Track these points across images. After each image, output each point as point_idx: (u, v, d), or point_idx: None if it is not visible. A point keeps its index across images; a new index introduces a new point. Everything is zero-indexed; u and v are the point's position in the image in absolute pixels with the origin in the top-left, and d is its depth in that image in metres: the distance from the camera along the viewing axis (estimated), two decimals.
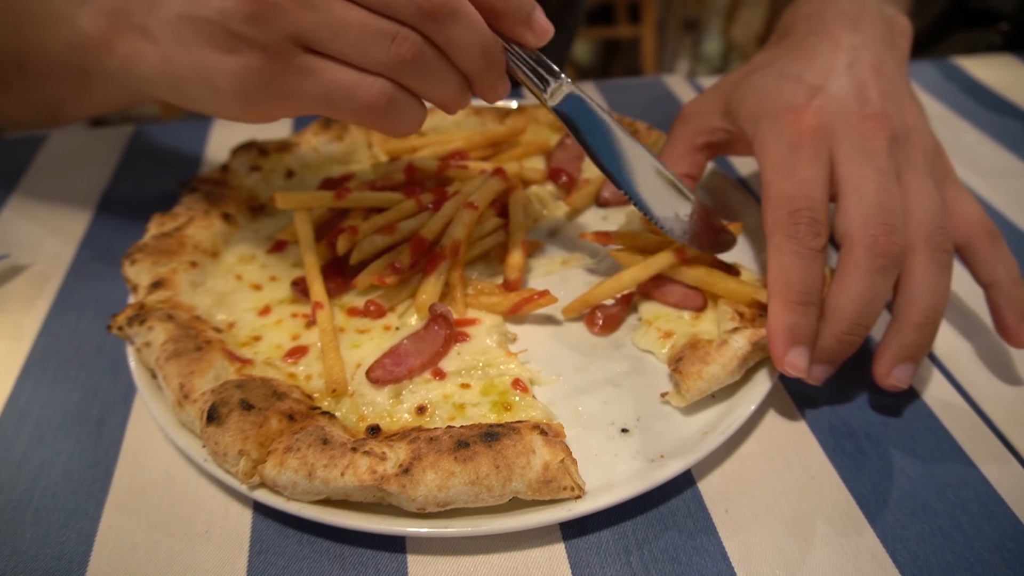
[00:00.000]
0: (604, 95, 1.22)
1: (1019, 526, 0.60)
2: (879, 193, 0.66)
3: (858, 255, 0.64)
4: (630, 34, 3.66)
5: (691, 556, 0.58)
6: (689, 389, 0.64)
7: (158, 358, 0.67)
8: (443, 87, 0.65)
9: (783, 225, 0.67)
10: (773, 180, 0.69)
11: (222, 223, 0.85)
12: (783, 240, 0.66)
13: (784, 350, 0.64)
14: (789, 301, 0.65)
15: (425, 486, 0.56)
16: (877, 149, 0.69)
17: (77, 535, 0.61)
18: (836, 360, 0.67)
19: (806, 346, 0.65)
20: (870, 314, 0.65)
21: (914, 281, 0.65)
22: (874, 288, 0.64)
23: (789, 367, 0.64)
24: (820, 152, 0.69)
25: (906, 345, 0.65)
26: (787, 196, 0.67)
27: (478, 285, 0.80)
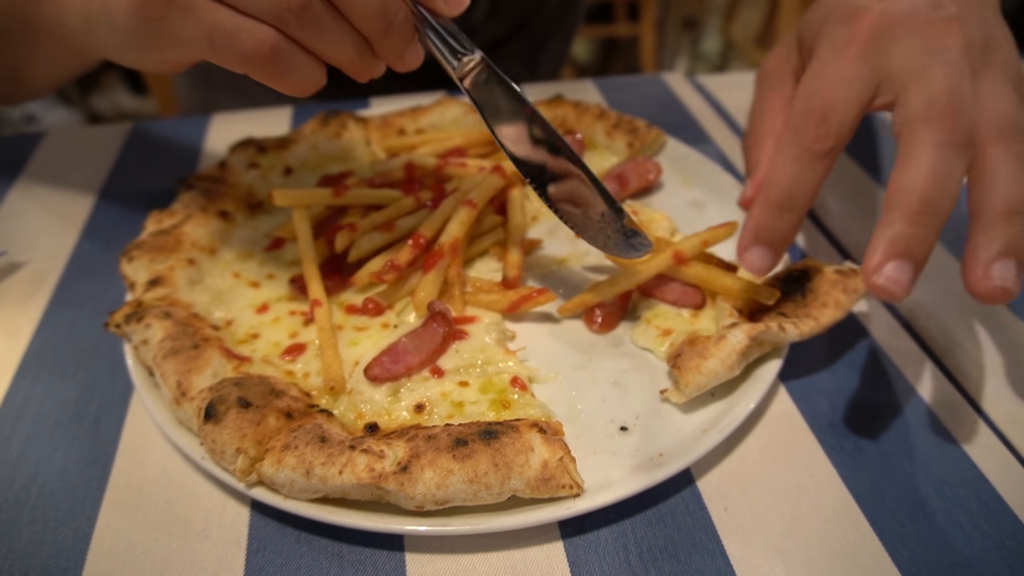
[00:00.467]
0: (603, 93, 1.22)
1: (1018, 525, 0.60)
2: (947, 79, 0.59)
3: (922, 132, 0.58)
4: (629, 32, 3.66)
5: (690, 554, 0.58)
6: (688, 384, 0.64)
7: (155, 356, 0.67)
8: (337, 46, 0.62)
9: (792, 124, 0.62)
10: (803, 81, 0.64)
11: (220, 220, 0.84)
12: (785, 139, 0.62)
13: (746, 246, 0.62)
14: (768, 203, 0.62)
15: (423, 484, 0.56)
16: (949, 48, 0.61)
17: (74, 533, 0.61)
18: (914, 251, 0.56)
19: (770, 249, 0.62)
20: (943, 194, 0.56)
21: (990, 172, 0.58)
22: (944, 164, 0.57)
23: (746, 264, 0.63)
24: (869, 54, 0.63)
25: (997, 238, 0.56)
26: (807, 95, 0.63)
27: (477, 283, 0.80)
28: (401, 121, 1.03)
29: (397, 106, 1.07)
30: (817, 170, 0.61)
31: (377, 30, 0.62)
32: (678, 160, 0.99)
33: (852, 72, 0.63)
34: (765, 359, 0.69)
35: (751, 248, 0.63)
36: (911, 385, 0.72)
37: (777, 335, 0.66)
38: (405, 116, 1.04)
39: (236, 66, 0.62)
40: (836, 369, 0.74)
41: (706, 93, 1.23)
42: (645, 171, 0.94)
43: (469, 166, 0.91)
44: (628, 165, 0.94)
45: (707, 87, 1.24)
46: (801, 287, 0.71)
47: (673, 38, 4.02)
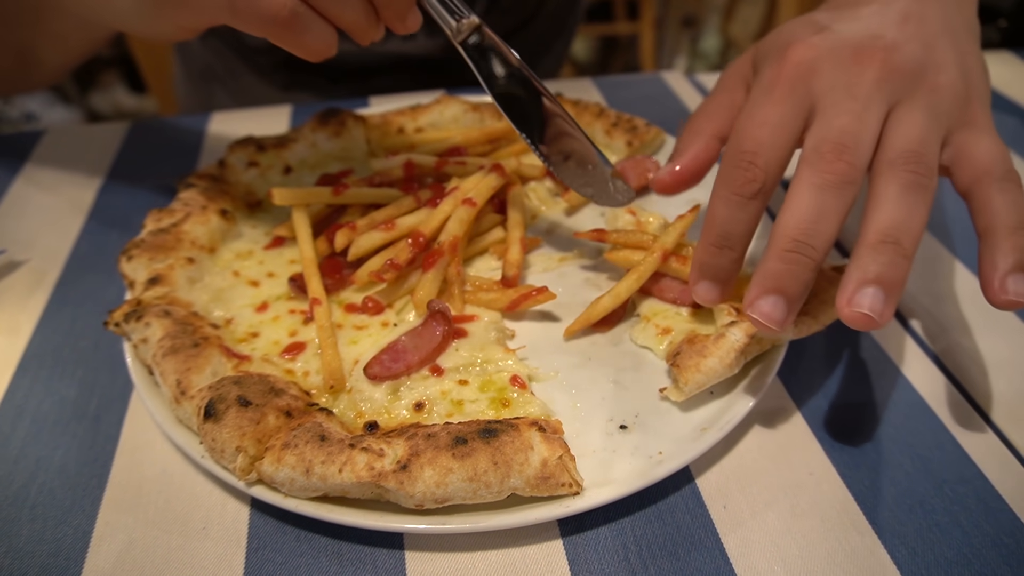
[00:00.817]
0: (602, 91, 1.22)
1: (1017, 522, 0.60)
2: (844, 118, 0.61)
3: (803, 174, 0.60)
4: (628, 31, 3.66)
5: (689, 552, 0.58)
6: (687, 382, 0.64)
7: (155, 354, 0.67)
8: (348, 9, 0.66)
9: (723, 167, 0.64)
10: (736, 123, 0.66)
11: (219, 219, 0.84)
12: (717, 184, 0.64)
13: (695, 280, 0.66)
14: (707, 242, 0.64)
15: (423, 483, 0.56)
16: (863, 82, 0.62)
17: (74, 531, 0.61)
18: (785, 287, 0.58)
19: (715, 282, 0.65)
20: (815, 233, 0.58)
21: (875, 201, 0.59)
22: (818, 205, 0.58)
23: (697, 297, 0.66)
24: (795, 91, 0.63)
25: (861, 268, 0.56)
26: (737, 137, 0.64)
27: (476, 281, 0.80)
28: (400, 120, 1.03)
29: (396, 105, 1.07)
30: (749, 210, 0.63)
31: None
32: None
33: (777, 113, 0.63)
34: (763, 357, 0.69)
35: (699, 282, 0.66)
36: (910, 383, 0.72)
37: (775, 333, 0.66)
38: (404, 115, 1.04)
39: (255, 29, 0.65)
40: (835, 367, 0.74)
41: (705, 91, 1.23)
42: (644, 169, 0.94)
43: (468, 164, 0.91)
44: (627, 163, 0.94)
45: (706, 86, 1.24)
46: None
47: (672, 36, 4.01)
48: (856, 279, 0.56)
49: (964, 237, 0.91)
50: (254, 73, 1.30)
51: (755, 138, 0.63)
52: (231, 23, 0.66)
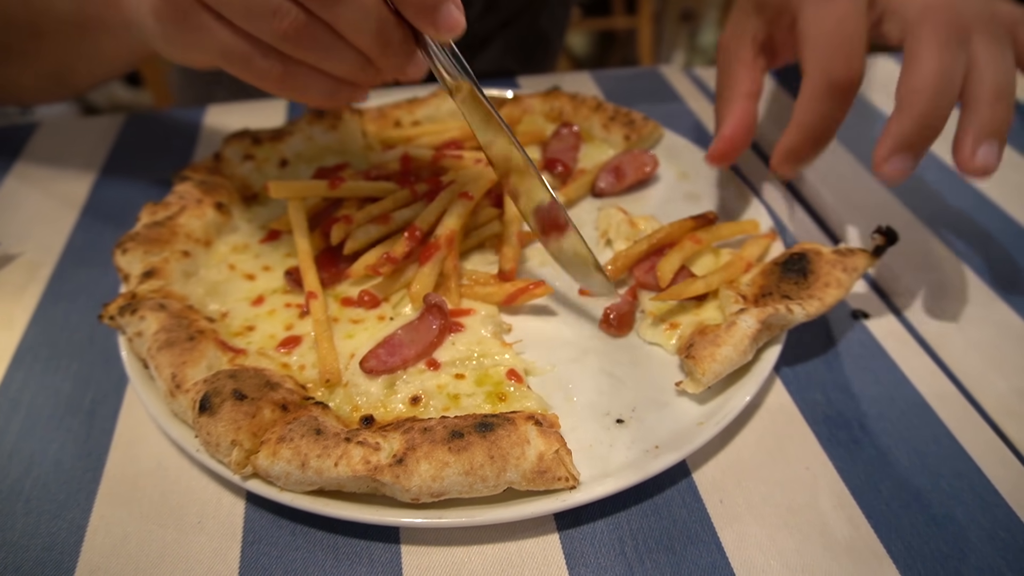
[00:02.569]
0: (600, 85, 1.22)
1: (1012, 517, 0.60)
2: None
3: (924, 33, 0.64)
4: (626, 25, 3.65)
5: (685, 546, 0.58)
6: (704, 373, 0.64)
7: (150, 348, 0.66)
8: (338, 64, 0.66)
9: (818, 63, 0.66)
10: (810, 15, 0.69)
11: (215, 212, 0.84)
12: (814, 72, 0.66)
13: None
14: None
15: (419, 476, 0.55)
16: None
17: (68, 525, 0.60)
18: (919, 147, 0.65)
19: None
20: (948, 92, 0.63)
21: (979, 62, 0.64)
22: (948, 62, 0.63)
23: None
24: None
25: (985, 122, 0.63)
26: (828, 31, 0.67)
27: (473, 275, 0.79)
28: (397, 113, 1.03)
29: (393, 98, 1.07)
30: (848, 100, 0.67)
31: (376, 51, 0.65)
32: (675, 153, 0.98)
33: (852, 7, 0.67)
34: (761, 352, 0.69)
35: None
36: (906, 378, 0.72)
37: (786, 316, 0.67)
38: (401, 108, 1.03)
39: (253, 83, 0.68)
40: (832, 362, 0.74)
41: (703, 86, 1.22)
42: (641, 164, 0.94)
43: (465, 158, 0.91)
44: (625, 157, 0.94)
45: (704, 80, 1.24)
46: (801, 269, 0.71)
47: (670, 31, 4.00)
48: (979, 133, 0.63)
49: (962, 233, 0.91)
50: None
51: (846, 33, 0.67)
52: (232, 72, 0.68)
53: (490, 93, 1.07)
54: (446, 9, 0.63)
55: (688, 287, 0.73)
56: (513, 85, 1.19)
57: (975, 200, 0.96)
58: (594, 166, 0.95)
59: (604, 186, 0.93)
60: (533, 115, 1.04)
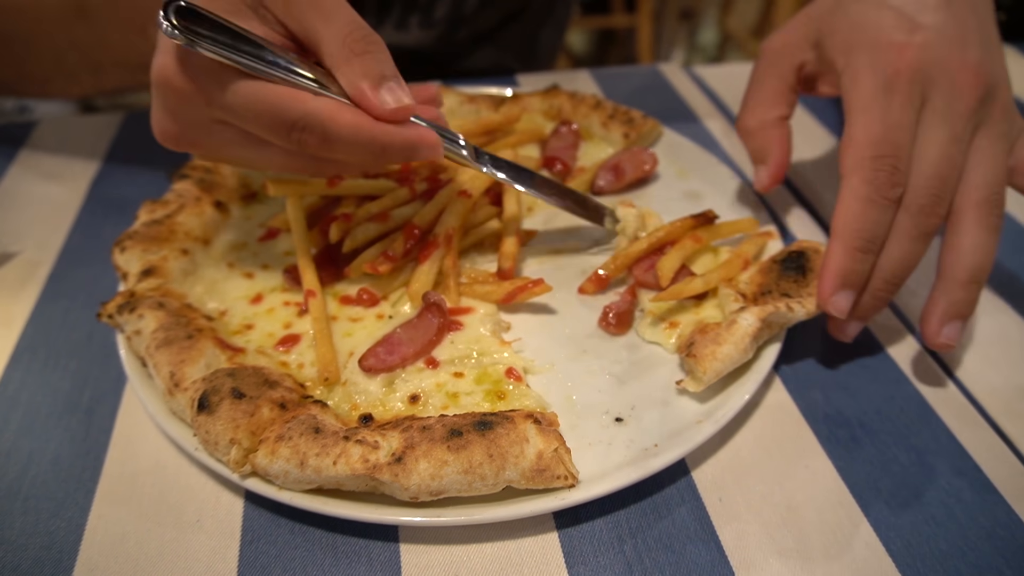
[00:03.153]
0: (599, 83, 1.21)
1: (1011, 514, 0.60)
2: (941, 162, 0.66)
3: (903, 221, 0.66)
4: (626, 24, 3.64)
5: (684, 545, 0.58)
6: (706, 371, 0.64)
7: (148, 346, 0.66)
8: (349, 165, 0.71)
9: (863, 168, 0.66)
10: (860, 119, 0.68)
11: (213, 211, 0.84)
12: (860, 183, 0.66)
13: (832, 290, 0.66)
14: (852, 247, 0.66)
15: (418, 475, 0.55)
16: (963, 110, 0.67)
17: (67, 524, 0.60)
18: (867, 317, 0.70)
19: (853, 291, 0.67)
20: (903, 275, 0.67)
21: (962, 241, 0.66)
22: (914, 253, 0.67)
23: (832, 307, 0.67)
24: (914, 96, 0.67)
25: (954, 303, 0.66)
26: (874, 138, 0.66)
27: (472, 274, 0.79)
28: None
29: None
30: (890, 214, 0.66)
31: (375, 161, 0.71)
32: (674, 151, 0.98)
33: (906, 118, 0.67)
34: (760, 350, 0.69)
35: (838, 292, 0.67)
36: (906, 376, 0.72)
37: (786, 315, 0.67)
38: None
39: None
40: (831, 360, 0.74)
41: (703, 84, 1.22)
42: (641, 162, 0.93)
43: None
44: (624, 156, 0.94)
45: (704, 78, 1.24)
46: (800, 266, 0.71)
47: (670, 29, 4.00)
48: (946, 313, 0.66)
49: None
50: None
51: (894, 142, 0.66)
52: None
53: (489, 91, 1.07)
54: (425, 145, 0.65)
55: (687, 286, 0.73)
56: (512, 83, 1.18)
57: None
58: (593, 164, 0.95)
59: (603, 184, 0.93)
60: (532, 113, 1.04)
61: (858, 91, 0.69)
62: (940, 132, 0.67)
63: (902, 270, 0.67)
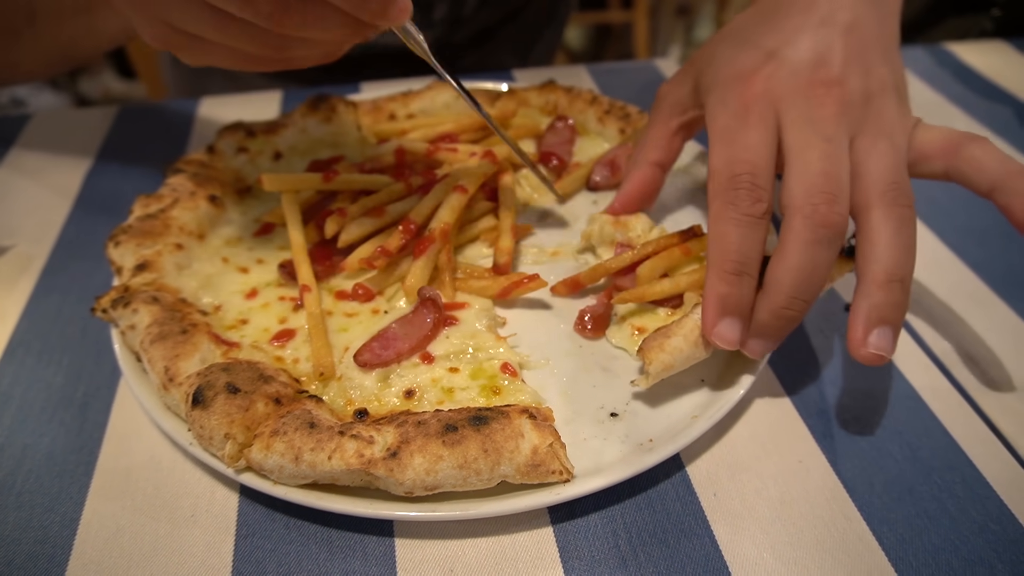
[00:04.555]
0: (595, 78, 1.21)
1: (1003, 509, 0.60)
2: (822, 160, 0.63)
3: (797, 226, 0.61)
4: (622, 19, 3.64)
5: (679, 539, 0.58)
6: (651, 362, 0.62)
7: (143, 341, 0.66)
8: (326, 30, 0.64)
9: (722, 191, 0.64)
10: (715, 149, 0.67)
11: (208, 205, 0.83)
12: (721, 207, 0.64)
13: (714, 320, 0.63)
14: (723, 271, 0.62)
15: (413, 470, 0.55)
16: (825, 116, 0.65)
17: (61, 519, 0.60)
18: (775, 335, 0.63)
19: (737, 317, 0.63)
20: (809, 287, 0.61)
21: (872, 239, 0.61)
22: (813, 260, 0.60)
23: (717, 338, 0.63)
24: (766, 118, 0.66)
25: (876, 306, 0.59)
26: (727, 161, 0.65)
27: (467, 269, 0.79)
28: (392, 106, 1.02)
29: (388, 91, 1.06)
30: (760, 230, 0.64)
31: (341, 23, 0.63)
32: None
33: (758, 137, 0.66)
34: None
35: (721, 320, 0.63)
36: (900, 372, 0.72)
37: None
38: (396, 101, 1.03)
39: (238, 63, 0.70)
40: (825, 356, 0.74)
41: None
42: None
43: (460, 151, 0.90)
44: (620, 151, 0.94)
45: None
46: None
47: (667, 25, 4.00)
48: (868, 319, 0.59)
49: (954, 229, 0.91)
50: None
51: (747, 160, 0.64)
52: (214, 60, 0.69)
53: (485, 86, 1.06)
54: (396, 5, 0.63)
55: (653, 288, 0.71)
56: (508, 78, 1.18)
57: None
58: (589, 160, 0.95)
59: (599, 180, 0.93)
60: (528, 108, 1.03)
61: (714, 125, 0.69)
62: (808, 135, 0.64)
63: (807, 280, 0.61)
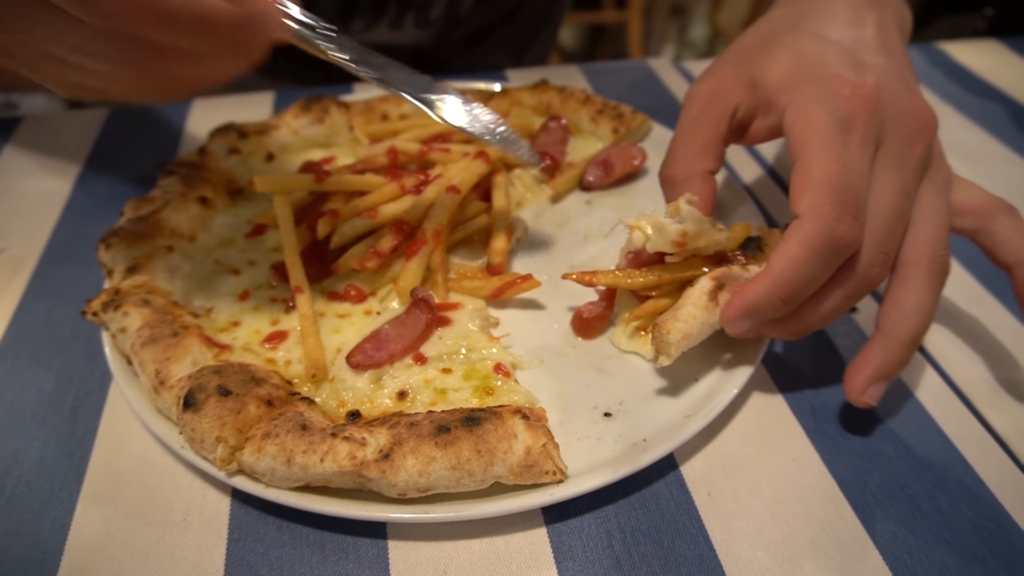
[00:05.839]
0: (589, 78, 1.21)
1: (997, 506, 0.60)
2: (892, 218, 0.61)
3: (846, 278, 0.61)
4: (616, 19, 3.64)
5: (673, 539, 0.58)
6: (670, 331, 0.61)
7: (134, 344, 0.66)
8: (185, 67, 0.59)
9: (822, 216, 0.58)
10: (818, 156, 0.60)
11: (200, 207, 0.83)
12: (816, 232, 0.58)
13: (736, 315, 0.62)
14: (777, 294, 0.59)
15: (406, 471, 0.55)
16: (914, 158, 0.63)
17: (52, 524, 0.60)
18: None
19: (755, 321, 0.62)
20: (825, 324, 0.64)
21: (909, 298, 0.62)
22: (843, 309, 0.63)
23: (730, 327, 0.63)
24: (870, 138, 0.62)
25: (889, 363, 0.62)
26: (834, 181, 0.59)
27: (460, 269, 0.79)
28: (384, 106, 1.02)
29: (380, 91, 1.06)
30: (832, 269, 0.61)
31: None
32: (663, 146, 0.96)
33: (864, 161, 0.61)
34: (747, 346, 0.69)
35: (740, 320, 0.62)
36: None
37: (740, 273, 0.66)
38: (388, 101, 1.03)
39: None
40: (818, 354, 0.74)
41: (692, 79, 1.22)
42: (630, 157, 0.93)
43: (453, 152, 0.90)
44: (613, 151, 0.94)
45: (693, 73, 1.24)
46: (758, 246, 0.70)
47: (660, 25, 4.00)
48: (879, 372, 0.62)
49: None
50: None
51: (855, 189, 0.59)
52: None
53: (478, 86, 1.06)
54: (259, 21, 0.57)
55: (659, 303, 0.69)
56: (501, 78, 1.18)
57: None
58: (582, 159, 0.94)
59: (592, 179, 0.93)
60: (522, 108, 1.03)
61: (811, 126, 0.62)
62: (894, 182, 0.62)
63: (826, 321, 0.63)
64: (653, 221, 0.67)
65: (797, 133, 0.63)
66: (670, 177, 0.73)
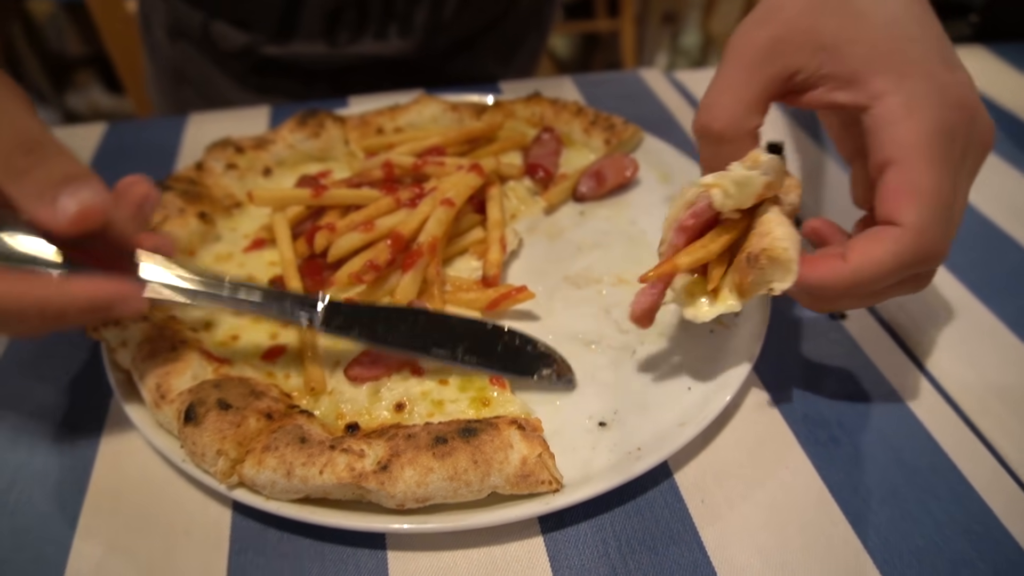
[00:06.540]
0: (581, 89, 1.23)
1: (986, 510, 0.61)
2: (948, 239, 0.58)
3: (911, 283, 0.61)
4: (609, 28, 3.67)
5: (667, 546, 0.59)
6: (786, 248, 0.57)
7: (134, 358, 0.66)
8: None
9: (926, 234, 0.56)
10: (930, 168, 0.56)
11: (198, 222, 0.84)
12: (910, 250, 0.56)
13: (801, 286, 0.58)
14: (848, 285, 0.57)
15: (404, 483, 0.56)
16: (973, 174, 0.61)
17: (54, 538, 0.60)
18: None
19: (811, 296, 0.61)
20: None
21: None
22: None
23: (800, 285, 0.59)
24: (967, 151, 0.59)
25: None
26: (944, 201, 0.56)
27: (456, 281, 0.80)
28: (379, 120, 1.03)
29: (375, 105, 1.07)
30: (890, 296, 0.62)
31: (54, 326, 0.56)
32: (655, 157, 0.99)
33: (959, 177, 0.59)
34: (740, 352, 0.70)
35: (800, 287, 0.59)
36: (883, 376, 0.73)
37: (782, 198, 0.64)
38: (383, 115, 1.04)
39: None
40: (810, 361, 0.75)
41: (683, 89, 1.23)
42: (622, 168, 0.95)
43: (447, 165, 0.91)
44: (605, 162, 0.95)
45: (685, 83, 1.25)
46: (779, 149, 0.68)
47: (653, 33, 4.03)
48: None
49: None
50: (227, 77, 1.29)
51: (956, 208, 0.58)
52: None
53: (471, 99, 1.08)
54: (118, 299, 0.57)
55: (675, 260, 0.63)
56: (495, 90, 1.19)
57: None
58: (575, 171, 0.96)
59: (585, 190, 0.94)
60: (515, 121, 1.04)
61: (923, 130, 0.56)
62: (966, 198, 0.60)
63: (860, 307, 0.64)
64: (735, 176, 0.60)
65: (902, 133, 0.57)
66: (717, 132, 0.64)
